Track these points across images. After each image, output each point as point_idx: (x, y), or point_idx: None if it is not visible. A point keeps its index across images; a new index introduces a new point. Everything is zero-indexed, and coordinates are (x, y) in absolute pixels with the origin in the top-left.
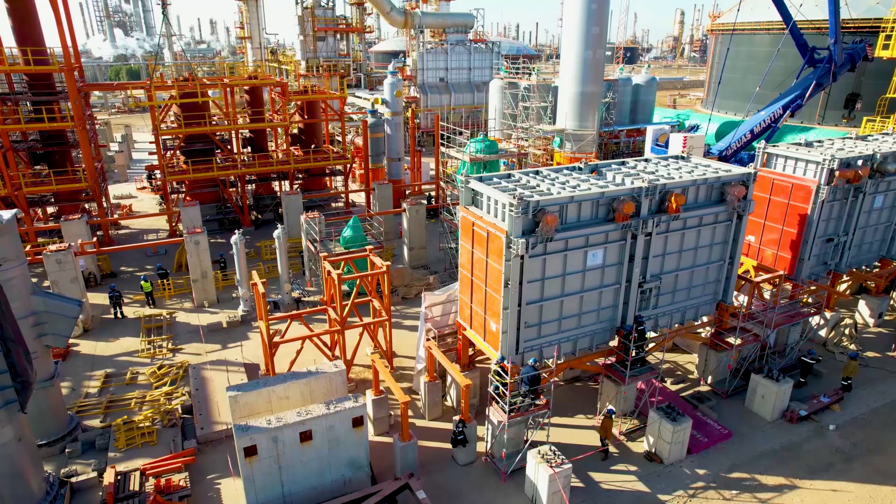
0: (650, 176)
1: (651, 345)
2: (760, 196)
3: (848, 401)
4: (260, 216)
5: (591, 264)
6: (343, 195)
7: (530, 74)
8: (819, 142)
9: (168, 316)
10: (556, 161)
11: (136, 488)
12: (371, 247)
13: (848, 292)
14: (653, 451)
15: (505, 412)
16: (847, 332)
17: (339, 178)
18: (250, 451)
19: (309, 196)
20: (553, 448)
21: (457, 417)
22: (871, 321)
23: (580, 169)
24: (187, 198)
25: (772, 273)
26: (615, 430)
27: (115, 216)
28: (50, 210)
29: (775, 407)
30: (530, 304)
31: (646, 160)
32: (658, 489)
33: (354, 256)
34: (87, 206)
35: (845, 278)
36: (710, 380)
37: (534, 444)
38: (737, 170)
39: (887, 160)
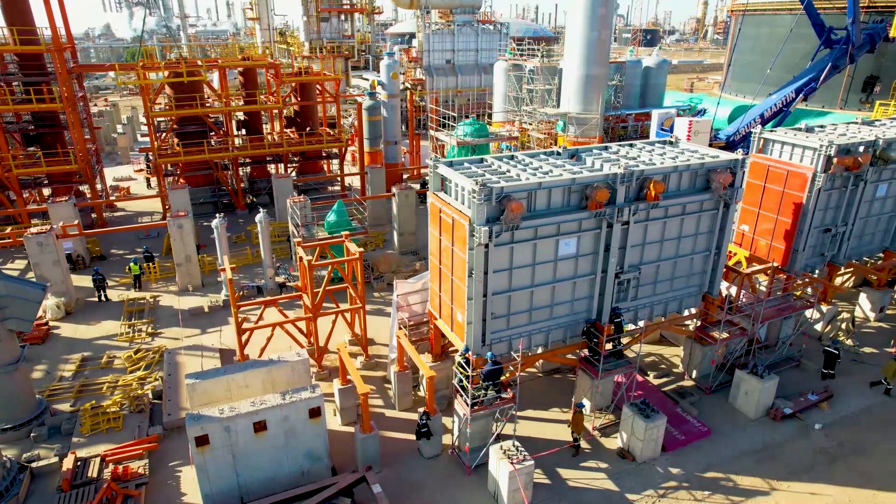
0: (629, 162)
1: (628, 339)
2: (755, 183)
3: (837, 398)
4: (254, 199)
5: (563, 253)
6: (339, 178)
7: (536, 56)
8: (821, 127)
9: (151, 299)
10: (560, 145)
11: (95, 475)
12: (347, 233)
13: (850, 285)
14: (626, 448)
15: (468, 405)
16: (844, 326)
17: (337, 161)
18: (202, 441)
19: (304, 179)
20: (516, 444)
21: (421, 409)
22: (871, 315)
23: (558, 154)
24: (180, 180)
25: (764, 264)
26: (588, 425)
27: (112, 198)
28: (46, 192)
29: (759, 404)
30: (497, 294)
31: (630, 145)
32: (627, 488)
33: (331, 242)
34: (81, 188)
35: (844, 270)
36: (694, 374)
37: (501, 438)
38: (724, 156)
39: (891, 147)
